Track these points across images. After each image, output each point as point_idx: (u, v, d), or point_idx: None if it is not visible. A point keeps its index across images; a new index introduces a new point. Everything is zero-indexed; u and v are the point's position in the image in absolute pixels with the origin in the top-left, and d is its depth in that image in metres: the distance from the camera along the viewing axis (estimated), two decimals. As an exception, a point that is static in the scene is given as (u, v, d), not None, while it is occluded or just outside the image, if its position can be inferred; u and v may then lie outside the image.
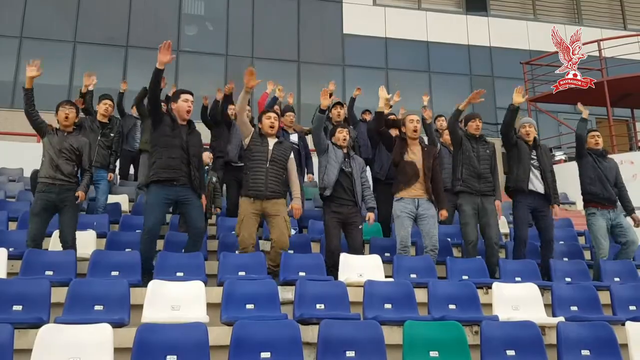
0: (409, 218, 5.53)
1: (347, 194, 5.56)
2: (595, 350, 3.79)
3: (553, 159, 12.89)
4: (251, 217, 5.13)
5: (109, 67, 13.65)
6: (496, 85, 16.12)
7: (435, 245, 5.50)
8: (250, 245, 5.14)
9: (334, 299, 4.34)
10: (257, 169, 5.19)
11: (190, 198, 5.01)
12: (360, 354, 3.48)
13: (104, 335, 3.24)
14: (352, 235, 5.56)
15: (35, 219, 4.99)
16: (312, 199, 8.95)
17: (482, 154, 5.83)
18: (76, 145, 5.23)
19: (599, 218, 6.02)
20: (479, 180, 5.74)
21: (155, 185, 4.93)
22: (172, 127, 4.98)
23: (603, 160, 6.22)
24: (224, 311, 4.02)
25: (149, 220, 4.86)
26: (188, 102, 5.08)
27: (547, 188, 5.82)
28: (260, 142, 5.28)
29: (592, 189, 6.11)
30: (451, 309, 4.45)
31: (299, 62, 15.30)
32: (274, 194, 5.17)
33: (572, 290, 4.83)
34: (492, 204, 5.77)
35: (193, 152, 5.05)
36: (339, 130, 5.80)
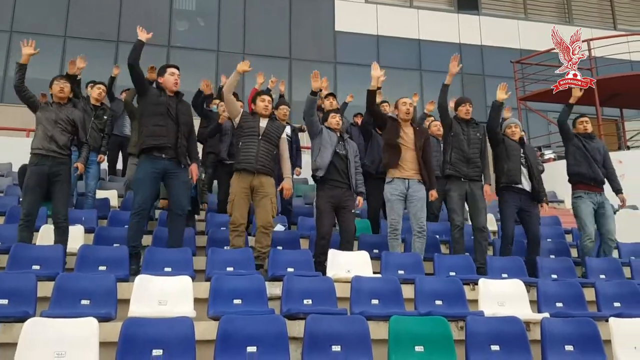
0: (399, 201, 5.55)
1: (342, 176, 5.59)
2: (579, 346, 3.83)
3: (542, 157, 12.98)
4: (242, 197, 5.18)
5: (100, 62, 13.56)
6: (487, 83, 16.20)
7: (422, 227, 5.53)
8: (241, 226, 5.18)
9: (321, 295, 4.36)
10: (248, 142, 5.24)
11: (177, 172, 5.06)
12: (346, 348, 3.50)
13: (90, 330, 3.23)
14: (345, 219, 5.59)
15: (29, 194, 4.95)
16: (302, 195, 8.97)
17: (473, 137, 5.86)
18: (72, 116, 5.21)
19: (586, 201, 6.05)
20: (468, 164, 5.77)
21: (144, 157, 4.99)
22: (158, 96, 5.04)
23: (591, 142, 6.24)
24: (211, 306, 4.03)
25: (138, 197, 4.92)
26: (174, 75, 5.17)
27: (534, 186, 5.86)
28: (252, 119, 5.34)
29: (577, 169, 6.14)
30: (437, 304, 4.48)
31: (290, 59, 15.29)
32: (264, 168, 5.21)
33: (557, 287, 4.87)
34: (480, 190, 5.81)
35: (183, 121, 5.10)
36: (332, 115, 5.84)
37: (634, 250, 6.46)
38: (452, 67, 5.78)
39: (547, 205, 6.08)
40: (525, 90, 14.37)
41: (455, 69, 5.78)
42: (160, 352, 3.24)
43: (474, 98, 6.01)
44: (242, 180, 5.20)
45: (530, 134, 15.12)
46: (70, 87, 5.40)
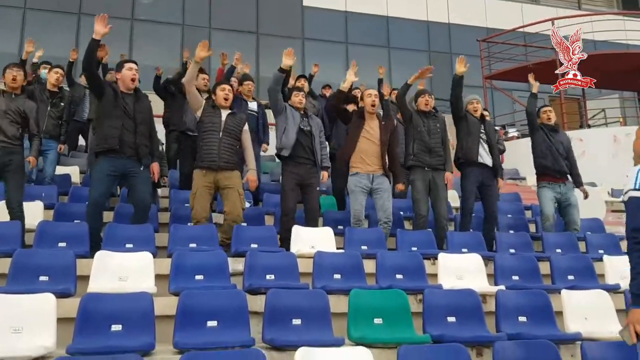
0: (363, 192, 5.60)
1: (307, 152, 5.58)
2: (532, 316, 3.96)
3: (506, 135, 13.21)
4: (204, 191, 5.12)
5: (61, 35, 13.21)
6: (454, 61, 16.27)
7: (389, 218, 5.60)
8: (203, 219, 5.14)
9: (284, 270, 4.39)
10: (209, 139, 5.17)
11: (137, 171, 4.95)
12: (307, 322, 3.54)
13: (47, 305, 3.21)
14: (309, 197, 5.61)
15: None
16: (268, 172, 8.96)
17: (433, 128, 5.92)
18: (22, 108, 5.07)
19: (549, 191, 6.22)
20: (430, 154, 5.84)
21: (102, 157, 4.87)
22: (114, 97, 4.89)
23: (555, 135, 6.41)
24: (172, 281, 4.02)
25: (94, 193, 4.82)
26: (132, 70, 5.01)
27: (495, 161, 5.98)
28: (212, 113, 5.26)
29: (543, 162, 6.31)
30: (398, 278, 4.56)
31: (257, 34, 15.11)
32: (227, 165, 5.16)
33: (514, 261, 5.01)
34: (443, 179, 5.90)
35: (141, 119, 4.98)
36: (294, 94, 5.80)
37: (590, 226, 6.66)
38: (421, 74, 5.84)
39: (503, 181, 6.24)
40: (491, 68, 14.54)
41: (423, 76, 5.87)
42: (120, 327, 3.23)
43: (441, 76, 6.07)
44: (206, 176, 5.13)
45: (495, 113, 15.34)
46: (25, 73, 5.24)
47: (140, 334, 3.19)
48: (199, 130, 5.32)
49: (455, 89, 5.93)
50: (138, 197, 4.98)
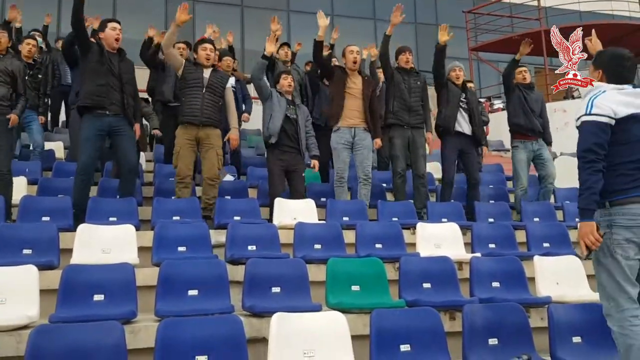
0: (345, 149, 5.66)
1: (292, 140, 5.62)
2: (505, 282, 4.09)
3: (492, 107, 13.29)
4: (187, 148, 5.17)
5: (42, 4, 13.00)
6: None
7: (367, 175, 5.67)
8: (187, 177, 5.21)
9: (265, 241, 4.47)
10: (192, 95, 5.20)
11: (123, 128, 4.98)
12: (286, 290, 3.64)
13: (29, 276, 3.28)
14: (295, 182, 5.67)
15: None
16: (253, 146, 9.00)
17: (413, 85, 5.97)
18: (11, 68, 5.06)
19: (521, 151, 6.29)
20: (410, 113, 5.90)
21: (87, 115, 4.87)
22: (100, 54, 4.90)
23: (530, 92, 6.45)
24: (155, 253, 4.10)
25: (83, 156, 4.84)
26: (116, 30, 5.01)
27: (474, 129, 6.05)
28: (194, 70, 5.28)
29: (516, 120, 6.36)
30: (377, 248, 4.66)
31: (242, 7, 14.97)
32: (209, 120, 5.20)
33: (491, 229, 5.13)
34: (422, 137, 5.97)
35: (126, 79, 5.00)
36: (283, 77, 5.79)
37: (568, 195, 6.79)
38: (394, 18, 5.82)
39: (488, 149, 6.31)
40: (477, 40, 14.55)
41: (397, 19, 5.82)
42: (102, 297, 3.31)
43: (427, 48, 6.09)
44: (188, 132, 5.18)
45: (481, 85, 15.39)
46: (9, 37, 5.22)
47: (122, 303, 3.28)
48: (181, 87, 5.34)
49: (437, 58, 5.96)
50: (123, 155, 5.02)
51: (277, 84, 5.82)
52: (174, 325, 2.75)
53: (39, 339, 2.52)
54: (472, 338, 3.11)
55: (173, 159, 5.26)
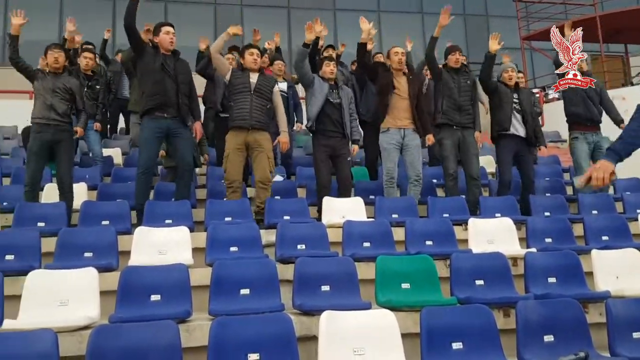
0: (395, 149, 5.62)
1: (335, 125, 5.62)
2: (561, 277, 3.97)
3: (546, 97, 12.88)
4: (237, 153, 5.24)
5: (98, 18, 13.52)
6: (490, 24, 15.90)
7: (418, 175, 5.62)
8: (236, 182, 5.28)
9: (314, 240, 4.50)
10: (240, 99, 5.27)
11: (180, 131, 5.16)
12: (335, 288, 3.66)
13: (90, 278, 3.42)
14: (340, 167, 5.68)
15: (33, 160, 5.07)
16: (302, 146, 9.06)
17: (463, 84, 5.87)
18: (69, 85, 5.27)
19: (582, 142, 6.12)
20: (460, 112, 5.81)
21: (147, 118, 5.07)
22: (154, 55, 5.07)
23: None
24: (208, 253, 4.20)
25: (143, 157, 5.05)
26: (169, 34, 5.18)
27: (527, 131, 5.89)
28: (241, 75, 5.35)
29: (574, 109, 6.19)
30: (427, 245, 4.61)
31: (289, 8, 15.09)
32: (258, 124, 5.26)
33: (546, 223, 4.99)
34: (472, 137, 5.87)
35: (181, 80, 5.16)
36: (326, 63, 5.80)
37: (628, 186, 6.53)
38: (442, 20, 5.70)
39: (545, 148, 6.16)
40: (529, 29, 14.13)
41: (445, 21, 5.71)
42: (158, 297, 3.42)
43: (477, 39, 6.02)
44: (237, 137, 5.24)
45: (534, 74, 14.96)
46: (66, 55, 5.45)
47: (178, 302, 3.38)
48: (230, 93, 5.42)
49: (486, 68, 5.84)
50: (181, 156, 5.21)
51: (320, 70, 5.84)
52: (226, 323, 2.81)
53: (99, 338, 2.63)
54: (526, 335, 3.03)
55: (223, 163, 5.36)
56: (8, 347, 2.55)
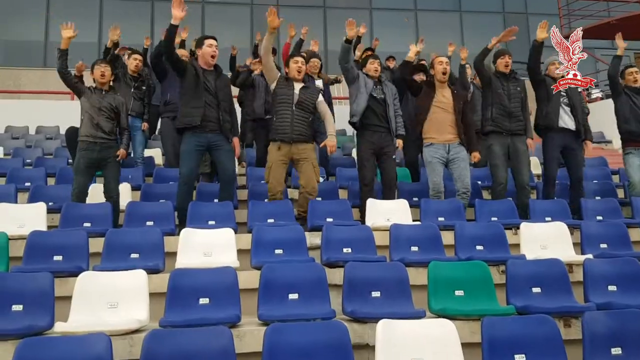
0: (440, 163, 5.50)
1: (380, 120, 5.53)
2: (622, 285, 3.78)
3: (589, 96, 12.51)
4: (279, 165, 5.18)
5: (137, 21, 13.69)
6: (530, 22, 15.51)
7: (467, 188, 5.47)
8: (278, 193, 5.22)
9: (360, 243, 4.41)
10: (282, 112, 5.20)
11: (221, 143, 5.13)
12: (386, 294, 3.55)
13: (139, 281, 3.39)
14: (385, 166, 5.59)
15: (79, 177, 5.13)
16: (340, 147, 8.97)
17: (513, 91, 5.70)
18: (114, 104, 5.30)
19: (635, 158, 5.92)
20: (510, 119, 5.64)
21: (187, 132, 5.06)
22: (195, 74, 5.04)
23: (639, 97, 6.05)
24: (254, 256, 4.14)
25: (184, 169, 5.04)
26: (212, 47, 5.13)
27: (577, 124, 5.71)
28: (286, 86, 5.28)
29: (627, 127, 6.00)
30: (478, 250, 4.47)
31: (324, 8, 15.02)
32: (300, 137, 5.18)
33: (601, 228, 4.79)
34: (524, 144, 5.69)
35: (222, 97, 5.13)
36: (370, 61, 5.73)
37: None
38: (503, 37, 5.56)
39: (591, 143, 5.95)
40: (571, 27, 13.73)
41: (506, 39, 5.57)
42: (207, 301, 3.37)
43: (517, 38, 5.78)
44: (280, 150, 5.17)
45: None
46: (112, 70, 5.47)
47: (227, 306, 3.32)
48: (273, 102, 5.37)
49: (534, 56, 5.68)
50: (222, 169, 5.21)
51: (364, 67, 5.75)
52: (281, 330, 2.74)
53: (153, 343, 2.58)
54: (593, 347, 2.88)
55: (265, 174, 5.29)
56: (62, 352, 2.53)
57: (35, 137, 9.55)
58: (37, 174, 6.40)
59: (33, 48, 13.76)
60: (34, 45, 13.74)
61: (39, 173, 6.40)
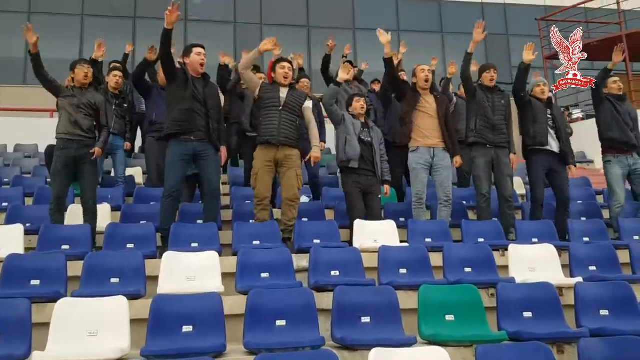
0: (424, 169, 5.50)
1: (367, 164, 5.48)
2: (614, 309, 3.74)
3: (570, 117, 12.66)
4: (266, 171, 5.10)
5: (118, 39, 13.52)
6: (511, 43, 15.76)
7: (448, 196, 5.47)
8: (266, 199, 5.14)
9: (348, 266, 4.32)
10: (269, 115, 5.13)
11: (208, 153, 5.03)
12: (376, 319, 3.47)
13: (120, 307, 3.26)
14: (371, 205, 5.51)
15: (58, 178, 5.00)
16: (325, 166, 8.90)
17: (497, 104, 5.71)
18: (94, 100, 5.19)
19: (615, 166, 5.96)
20: (494, 131, 5.63)
21: (173, 141, 4.96)
22: (184, 80, 4.96)
23: (622, 104, 6.12)
24: (239, 280, 4.03)
25: (169, 180, 4.92)
26: (201, 55, 5.07)
27: (562, 147, 5.72)
28: (271, 89, 5.22)
29: (610, 134, 6.03)
30: (467, 272, 4.41)
31: (308, 27, 15.06)
32: (287, 140, 5.10)
33: (590, 250, 4.77)
34: (507, 157, 5.68)
35: (211, 105, 5.05)
36: (356, 100, 5.68)
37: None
38: (477, 35, 5.56)
39: (575, 168, 5.97)
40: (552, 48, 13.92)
41: (479, 36, 5.56)
42: (191, 329, 3.26)
43: (498, 59, 5.87)
44: (266, 153, 5.11)
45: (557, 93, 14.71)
46: (93, 72, 5.38)
47: (211, 334, 3.20)
48: (259, 107, 5.29)
49: (520, 77, 5.71)
50: (207, 179, 5.09)
51: (350, 106, 5.70)
52: (269, 361, 2.63)
53: (135, 376, 2.45)
54: (590, 376, 2.81)
55: (251, 181, 5.21)
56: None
57: (13, 155, 9.34)
58: (14, 194, 6.22)
59: (13, 65, 13.55)
60: (14, 62, 13.53)
61: (17, 193, 6.22)
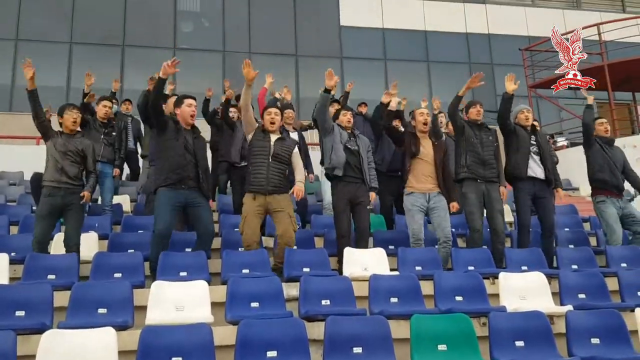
0: (420, 211, 5.51)
1: (355, 171, 5.53)
2: (605, 338, 3.75)
3: (555, 144, 12.82)
4: (255, 215, 5.10)
5: (106, 66, 13.57)
6: (495, 72, 15.99)
7: (448, 237, 5.48)
8: (254, 243, 5.11)
9: (339, 295, 4.30)
10: (258, 164, 5.17)
11: (200, 201, 5.05)
12: (368, 350, 3.44)
13: (107, 339, 3.20)
14: (360, 216, 5.54)
15: (41, 222, 4.97)
16: (313, 193, 8.90)
17: (486, 140, 5.77)
18: (81, 147, 5.19)
19: (609, 205, 6.01)
20: (484, 166, 5.67)
21: (164, 188, 4.93)
22: (176, 131, 4.98)
23: (610, 148, 6.22)
24: (229, 310, 3.98)
25: (159, 224, 4.88)
26: (192, 107, 5.11)
27: (547, 173, 5.78)
28: (262, 138, 5.26)
29: (601, 176, 6.11)
30: (458, 300, 4.40)
31: (296, 56, 15.21)
32: (275, 189, 5.13)
33: (579, 278, 4.78)
34: (497, 192, 5.72)
35: (200, 156, 5.08)
36: (343, 113, 5.77)
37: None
38: (471, 83, 5.59)
39: (562, 191, 6.04)
40: (535, 77, 14.19)
41: (474, 84, 5.61)
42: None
43: (482, 88, 5.90)
44: (256, 201, 5.12)
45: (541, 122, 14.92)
46: (84, 110, 5.39)
47: (201, 367, 3.14)
48: (249, 153, 5.33)
49: (504, 107, 5.77)
50: (202, 226, 5.07)
51: (337, 119, 5.77)
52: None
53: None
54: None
55: (240, 225, 5.19)
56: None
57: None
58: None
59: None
60: (1, 89, 13.47)
61: (2, 221, 6.13)
